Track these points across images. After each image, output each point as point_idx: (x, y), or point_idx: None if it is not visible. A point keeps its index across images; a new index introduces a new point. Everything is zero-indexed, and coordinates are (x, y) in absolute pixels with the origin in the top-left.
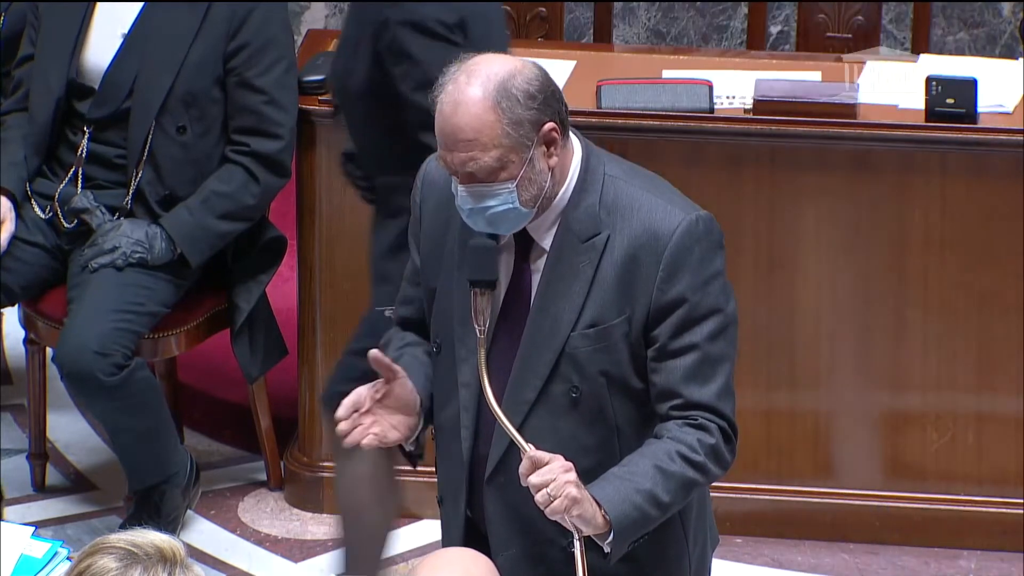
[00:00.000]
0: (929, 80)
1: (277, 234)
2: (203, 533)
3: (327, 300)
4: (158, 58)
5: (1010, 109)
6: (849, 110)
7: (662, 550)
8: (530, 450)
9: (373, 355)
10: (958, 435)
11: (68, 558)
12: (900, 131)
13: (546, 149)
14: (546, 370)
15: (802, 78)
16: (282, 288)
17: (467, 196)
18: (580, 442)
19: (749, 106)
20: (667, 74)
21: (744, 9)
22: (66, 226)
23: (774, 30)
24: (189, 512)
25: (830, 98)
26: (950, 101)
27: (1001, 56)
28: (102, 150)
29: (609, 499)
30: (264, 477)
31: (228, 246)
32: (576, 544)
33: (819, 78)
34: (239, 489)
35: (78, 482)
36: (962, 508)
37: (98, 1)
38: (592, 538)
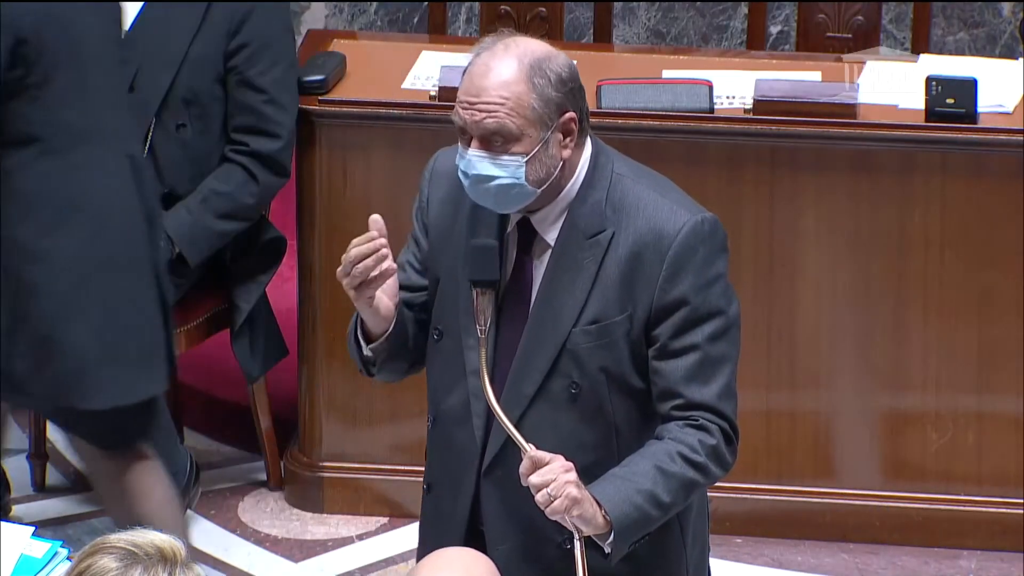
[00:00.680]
0: (929, 80)
1: (277, 234)
2: (203, 533)
3: (327, 300)
4: (158, 56)
5: (1010, 109)
6: (849, 110)
7: (660, 551)
8: (531, 450)
9: (374, 217)
10: (958, 435)
11: (68, 558)
12: (900, 131)
13: (562, 138)
14: (546, 365)
15: (802, 78)
16: (282, 288)
17: (475, 160)
18: (579, 438)
19: (749, 106)
20: (667, 74)
21: (744, 9)
22: None
23: (774, 30)
24: (189, 512)
25: (830, 98)
26: (950, 101)
27: (1001, 56)
28: None
29: (610, 499)
30: (264, 477)
31: (228, 246)
32: (576, 544)
33: (819, 78)
34: (239, 489)
35: (78, 482)
36: (962, 508)
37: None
38: (593, 538)
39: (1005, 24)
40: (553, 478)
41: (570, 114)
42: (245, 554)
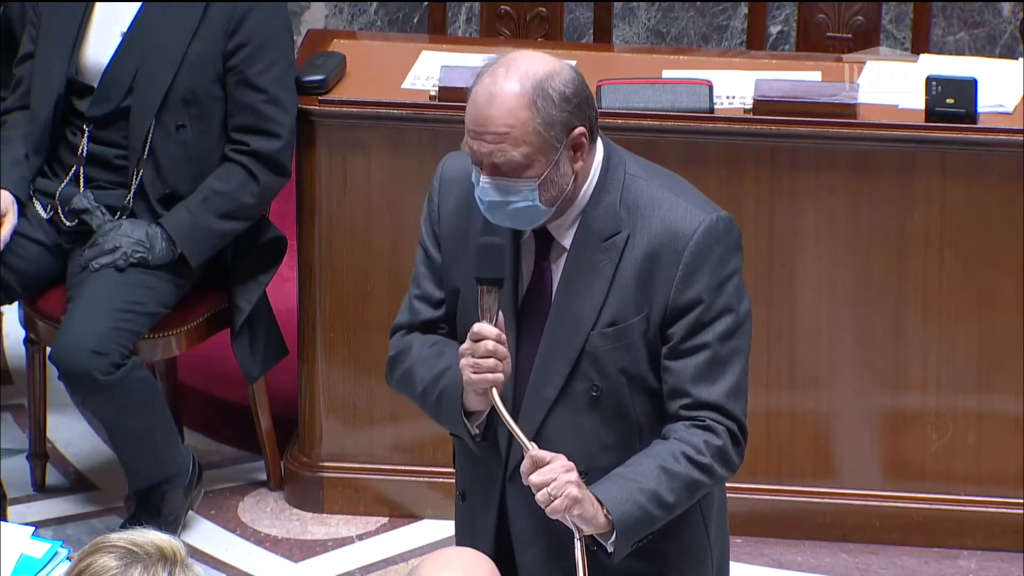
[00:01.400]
0: (929, 80)
1: (277, 234)
2: (203, 533)
3: (327, 300)
4: (157, 56)
5: (1010, 109)
6: (849, 110)
7: (686, 547)
8: (532, 449)
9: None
10: (958, 435)
11: (68, 558)
12: (900, 131)
13: (573, 153)
14: (567, 368)
15: (802, 78)
16: (282, 288)
17: (489, 188)
18: (601, 440)
19: (749, 106)
20: (667, 74)
21: (744, 9)
22: (67, 224)
23: (774, 30)
24: (189, 512)
25: (830, 98)
26: (950, 101)
27: (1001, 56)
28: (102, 151)
29: (612, 498)
30: (264, 477)
31: (228, 246)
32: (576, 544)
33: (819, 78)
34: (239, 489)
35: (78, 482)
36: (962, 508)
37: (97, 0)
38: (595, 538)
39: (1005, 24)
40: (553, 477)
41: (579, 129)
42: (245, 554)
